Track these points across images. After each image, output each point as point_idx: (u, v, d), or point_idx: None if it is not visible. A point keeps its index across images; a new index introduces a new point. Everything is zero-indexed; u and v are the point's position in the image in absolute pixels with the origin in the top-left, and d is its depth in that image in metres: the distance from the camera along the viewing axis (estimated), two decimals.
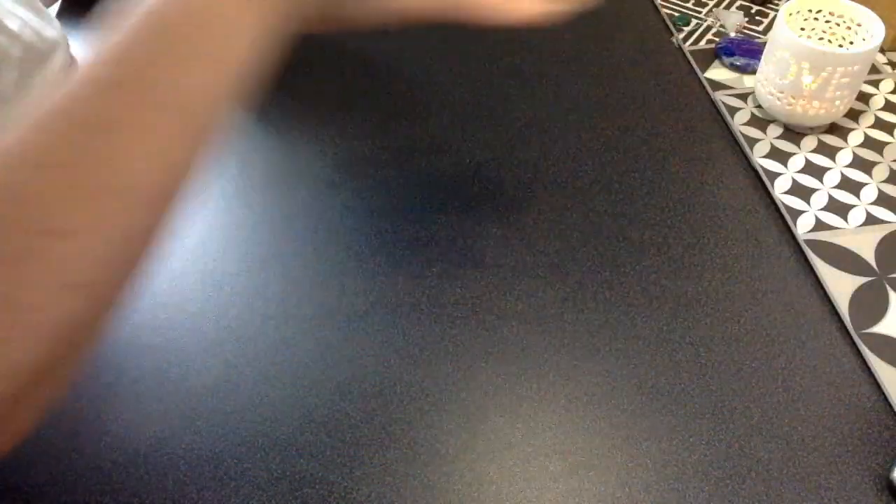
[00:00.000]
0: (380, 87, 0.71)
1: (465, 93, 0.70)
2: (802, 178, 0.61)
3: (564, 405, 0.48)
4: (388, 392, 0.49)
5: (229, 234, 0.58)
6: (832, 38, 0.68)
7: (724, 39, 0.74)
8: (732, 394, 0.48)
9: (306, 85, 0.71)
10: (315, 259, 0.56)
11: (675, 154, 0.64)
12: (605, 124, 0.67)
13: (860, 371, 0.49)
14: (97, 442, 0.47)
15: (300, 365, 0.50)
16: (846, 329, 0.51)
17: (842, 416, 0.47)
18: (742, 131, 0.65)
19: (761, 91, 0.65)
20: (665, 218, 0.59)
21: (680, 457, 0.45)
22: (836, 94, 0.61)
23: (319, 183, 0.62)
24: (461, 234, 0.58)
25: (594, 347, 0.51)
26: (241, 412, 0.48)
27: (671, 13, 0.79)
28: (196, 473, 0.45)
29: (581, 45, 0.75)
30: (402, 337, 0.52)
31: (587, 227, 0.58)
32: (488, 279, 0.55)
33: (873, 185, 0.60)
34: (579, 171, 0.63)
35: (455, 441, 0.46)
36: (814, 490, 0.44)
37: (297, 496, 0.44)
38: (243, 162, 0.64)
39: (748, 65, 0.70)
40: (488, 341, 0.51)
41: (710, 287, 0.54)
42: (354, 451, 0.46)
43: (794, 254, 0.56)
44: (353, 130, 0.67)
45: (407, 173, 0.63)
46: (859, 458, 0.45)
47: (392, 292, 0.54)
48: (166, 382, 0.49)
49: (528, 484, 0.45)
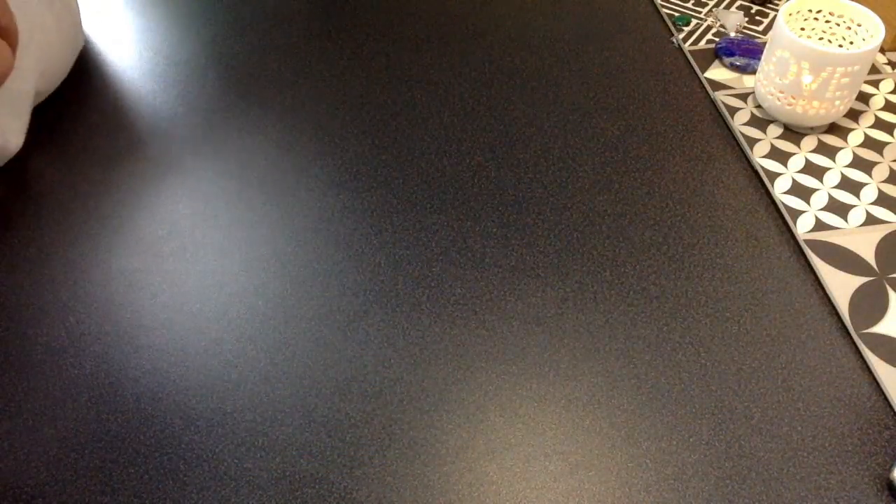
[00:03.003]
0: (380, 86, 0.71)
1: (465, 93, 0.70)
2: (802, 178, 0.61)
3: (564, 405, 0.48)
4: (388, 392, 0.49)
5: (229, 233, 0.58)
6: (832, 38, 0.68)
7: (724, 39, 0.74)
8: (732, 394, 0.48)
9: (306, 85, 0.71)
10: (315, 259, 0.56)
11: (675, 154, 0.64)
12: (605, 124, 0.67)
13: (860, 371, 0.49)
14: (97, 441, 0.47)
15: (300, 365, 0.50)
16: (846, 329, 0.51)
17: (842, 416, 0.47)
18: (742, 131, 0.65)
19: (761, 91, 0.65)
20: (665, 218, 0.59)
21: (680, 457, 0.45)
22: (836, 94, 0.61)
23: (319, 183, 0.62)
24: (461, 234, 0.58)
25: (594, 347, 0.51)
26: (241, 412, 0.48)
27: (671, 13, 0.79)
28: (196, 473, 0.45)
29: (581, 45, 0.75)
30: (402, 337, 0.52)
31: (587, 227, 0.58)
32: (488, 279, 0.55)
33: (873, 185, 0.60)
34: (579, 171, 0.63)
35: (455, 441, 0.46)
36: (814, 490, 0.44)
37: (297, 496, 0.44)
38: (243, 162, 0.64)
39: (748, 65, 0.70)
40: (488, 341, 0.51)
41: (710, 287, 0.54)
42: (354, 451, 0.46)
43: (794, 254, 0.56)
44: (353, 130, 0.67)
45: (407, 173, 0.63)
46: (859, 458, 0.45)
47: (392, 292, 0.54)
48: (166, 382, 0.49)
49: (528, 484, 0.45)
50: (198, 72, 0.73)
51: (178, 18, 0.80)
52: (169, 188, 0.62)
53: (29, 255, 0.57)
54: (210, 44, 0.77)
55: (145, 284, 0.55)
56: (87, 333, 0.52)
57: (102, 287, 0.55)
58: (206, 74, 0.73)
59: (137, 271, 0.56)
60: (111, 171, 0.63)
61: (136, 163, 0.64)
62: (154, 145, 0.66)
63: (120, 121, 0.68)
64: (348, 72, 0.73)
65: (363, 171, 0.63)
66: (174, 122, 0.68)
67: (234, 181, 0.62)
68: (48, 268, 0.56)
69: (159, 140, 0.66)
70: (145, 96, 0.70)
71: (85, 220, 0.60)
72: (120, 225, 0.59)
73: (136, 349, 0.51)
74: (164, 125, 0.68)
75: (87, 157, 0.64)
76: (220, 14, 0.81)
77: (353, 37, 0.77)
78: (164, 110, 0.69)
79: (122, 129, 0.67)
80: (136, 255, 0.57)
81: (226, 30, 0.78)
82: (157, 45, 0.76)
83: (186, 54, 0.75)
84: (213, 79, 0.72)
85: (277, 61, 0.74)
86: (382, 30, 0.78)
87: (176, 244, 0.58)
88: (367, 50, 0.75)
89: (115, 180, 0.63)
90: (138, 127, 0.67)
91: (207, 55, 0.75)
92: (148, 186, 0.62)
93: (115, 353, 0.51)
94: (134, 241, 0.58)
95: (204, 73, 0.73)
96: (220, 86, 0.72)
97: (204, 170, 0.63)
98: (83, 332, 0.52)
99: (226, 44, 0.77)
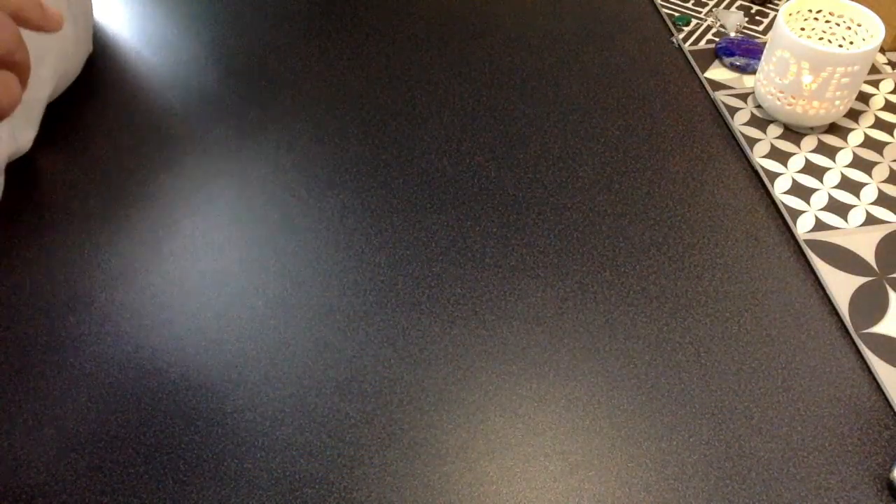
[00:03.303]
0: (380, 87, 0.71)
1: (465, 93, 0.70)
2: (802, 178, 0.61)
3: (564, 405, 0.48)
4: (388, 392, 0.49)
5: (229, 233, 0.58)
6: (832, 38, 0.68)
7: (724, 39, 0.74)
8: (732, 394, 0.48)
9: (306, 85, 0.71)
10: (315, 259, 0.56)
11: (675, 154, 0.64)
12: (605, 124, 0.67)
13: (860, 371, 0.49)
14: (97, 442, 0.47)
15: (300, 365, 0.50)
16: (846, 329, 0.51)
17: (842, 416, 0.47)
18: (742, 131, 0.65)
19: (761, 91, 0.65)
20: (665, 218, 0.59)
21: (680, 457, 0.45)
22: (836, 94, 0.61)
23: (319, 183, 0.62)
24: (461, 234, 0.58)
25: (594, 347, 0.51)
26: (241, 412, 0.48)
27: (671, 13, 0.79)
28: (196, 473, 0.45)
29: (581, 45, 0.75)
30: (402, 337, 0.52)
31: (587, 227, 0.58)
32: (488, 279, 0.55)
33: (873, 185, 0.60)
34: (579, 171, 0.63)
35: (455, 441, 0.46)
36: (814, 490, 0.44)
37: (297, 496, 0.44)
38: (243, 162, 0.64)
39: (748, 65, 0.70)
40: (488, 341, 0.51)
41: (710, 287, 0.54)
42: (354, 451, 0.46)
43: (794, 254, 0.56)
44: (353, 130, 0.67)
45: (407, 173, 0.63)
46: (859, 458, 0.45)
47: (392, 292, 0.54)
48: (166, 382, 0.49)
49: (528, 484, 0.45)
50: (198, 72, 0.73)
51: (178, 19, 0.80)
52: (169, 188, 0.62)
53: (29, 255, 0.57)
54: (210, 44, 0.77)
55: (145, 284, 0.55)
56: (87, 333, 0.52)
57: (102, 287, 0.55)
58: (206, 75, 0.73)
59: (137, 271, 0.56)
60: (111, 171, 0.63)
61: (136, 163, 0.64)
62: (154, 145, 0.66)
63: (120, 121, 0.68)
64: (348, 72, 0.73)
65: (363, 171, 0.63)
66: (174, 122, 0.68)
67: (234, 181, 0.62)
68: (48, 268, 0.56)
69: (159, 140, 0.66)
70: (145, 97, 0.70)
71: (85, 220, 0.60)
72: (120, 225, 0.59)
73: (136, 349, 0.51)
74: (163, 125, 0.68)
75: (87, 157, 0.64)
76: (220, 14, 0.81)
77: (353, 37, 0.77)
78: (164, 110, 0.69)
79: (121, 130, 0.67)
80: (135, 256, 0.57)
81: (226, 30, 0.78)
82: (158, 46, 0.76)
83: (186, 55, 0.75)
84: (213, 79, 0.72)
85: (277, 61, 0.74)
86: (382, 30, 0.78)
87: (176, 244, 0.58)
88: (367, 50, 0.75)
89: (115, 180, 0.63)
90: (138, 127, 0.67)
91: (207, 55, 0.75)
92: (148, 186, 0.62)
93: (115, 353, 0.51)
94: (134, 241, 0.58)
95: (204, 74, 0.73)
96: (220, 86, 0.72)
97: (204, 170, 0.63)
98: (83, 332, 0.52)
99: (226, 44, 0.77)
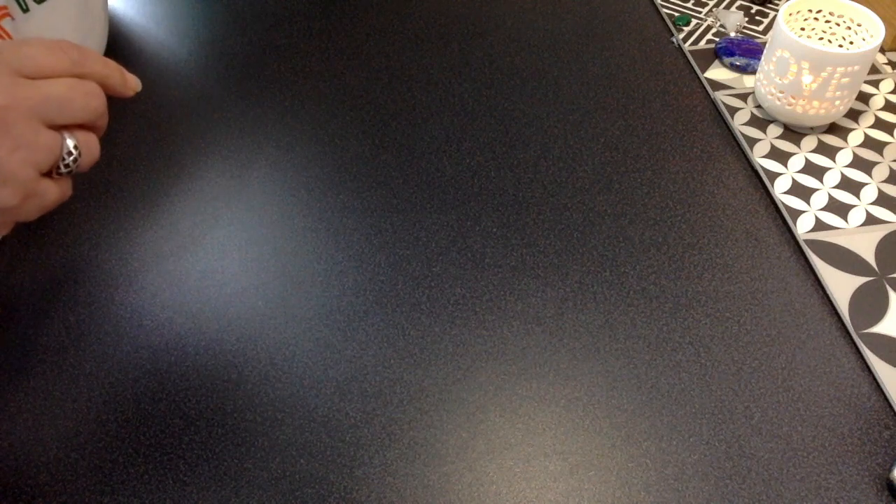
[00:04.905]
0: (380, 87, 0.71)
1: (465, 93, 0.70)
2: (802, 178, 0.61)
3: (564, 405, 0.48)
4: (388, 392, 0.49)
5: (229, 234, 0.58)
6: (832, 38, 0.68)
7: (724, 39, 0.74)
8: (732, 394, 0.48)
9: (306, 85, 0.71)
10: (315, 259, 0.56)
11: (675, 154, 0.64)
12: (605, 124, 0.67)
13: (860, 371, 0.49)
14: (97, 442, 0.47)
15: (300, 365, 0.50)
16: (846, 329, 0.51)
17: (842, 416, 0.47)
18: (742, 131, 0.65)
19: (761, 91, 0.65)
20: (665, 218, 0.59)
21: (680, 457, 0.45)
22: (836, 94, 0.61)
23: (319, 183, 0.62)
24: (461, 234, 0.58)
25: (594, 347, 0.51)
26: (241, 412, 0.48)
27: (671, 13, 0.79)
28: (196, 473, 0.45)
29: (581, 45, 0.75)
30: (402, 337, 0.52)
31: (587, 227, 0.58)
32: (488, 279, 0.55)
33: (873, 185, 0.60)
34: (579, 171, 0.63)
35: (455, 441, 0.46)
36: (814, 490, 0.44)
37: (297, 496, 0.44)
38: (244, 162, 0.64)
39: (748, 65, 0.70)
40: (488, 341, 0.51)
41: (710, 287, 0.54)
42: (354, 451, 0.46)
43: (794, 254, 0.56)
44: (353, 130, 0.67)
45: (407, 173, 0.63)
46: (859, 458, 0.45)
47: (392, 292, 0.54)
48: (166, 382, 0.49)
49: (528, 484, 0.45)
50: (198, 72, 0.73)
51: (178, 18, 0.80)
52: (169, 188, 0.62)
53: (29, 255, 0.57)
54: (210, 44, 0.77)
55: (145, 284, 0.55)
56: (87, 333, 0.52)
57: (102, 287, 0.55)
58: (206, 74, 0.73)
59: (137, 271, 0.56)
60: (111, 170, 0.63)
61: (136, 163, 0.64)
62: (154, 145, 0.66)
63: (119, 121, 0.68)
64: (348, 72, 0.73)
65: (363, 171, 0.63)
66: (174, 122, 0.68)
67: (234, 181, 0.62)
68: (48, 268, 0.56)
69: (159, 140, 0.66)
70: (145, 96, 0.70)
71: (85, 220, 0.60)
72: (120, 225, 0.59)
73: (136, 349, 0.51)
74: (163, 125, 0.68)
75: None
76: (220, 14, 0.81)
77: (353, 37, 0.77)
78: (163, 110, 0.69)
79: (121, 130, 0.67)
80: (136, 255, 0.57)
81: (226, 30, 0.78)
82: (157, 46, 0.76)
83: (186, 54, 0.75)
84: (213, 79, 0.72)
85: (277, 61, 0.74)
86: (382, 30, 0.78)
87: (176, 244, 0.58)
88: (367, 50, 0.75)
89: (114, 180, 0.63)
90: (138, 127, 0.67)
91: (207, 55, 0.75)
92: (148, 186, 0.62)
93: (115, 353, 0.51)
94: (134, 241, 0.58)
95: (204, 74, 0.73)
96: (220, 86, 0.72)
97: (204, 169, 0.63)
98: (83, 332, 0.52)
99: (226, 44, 0.77)
